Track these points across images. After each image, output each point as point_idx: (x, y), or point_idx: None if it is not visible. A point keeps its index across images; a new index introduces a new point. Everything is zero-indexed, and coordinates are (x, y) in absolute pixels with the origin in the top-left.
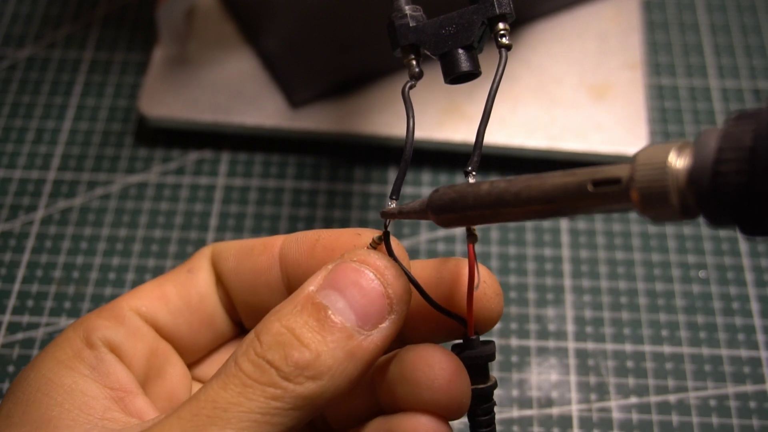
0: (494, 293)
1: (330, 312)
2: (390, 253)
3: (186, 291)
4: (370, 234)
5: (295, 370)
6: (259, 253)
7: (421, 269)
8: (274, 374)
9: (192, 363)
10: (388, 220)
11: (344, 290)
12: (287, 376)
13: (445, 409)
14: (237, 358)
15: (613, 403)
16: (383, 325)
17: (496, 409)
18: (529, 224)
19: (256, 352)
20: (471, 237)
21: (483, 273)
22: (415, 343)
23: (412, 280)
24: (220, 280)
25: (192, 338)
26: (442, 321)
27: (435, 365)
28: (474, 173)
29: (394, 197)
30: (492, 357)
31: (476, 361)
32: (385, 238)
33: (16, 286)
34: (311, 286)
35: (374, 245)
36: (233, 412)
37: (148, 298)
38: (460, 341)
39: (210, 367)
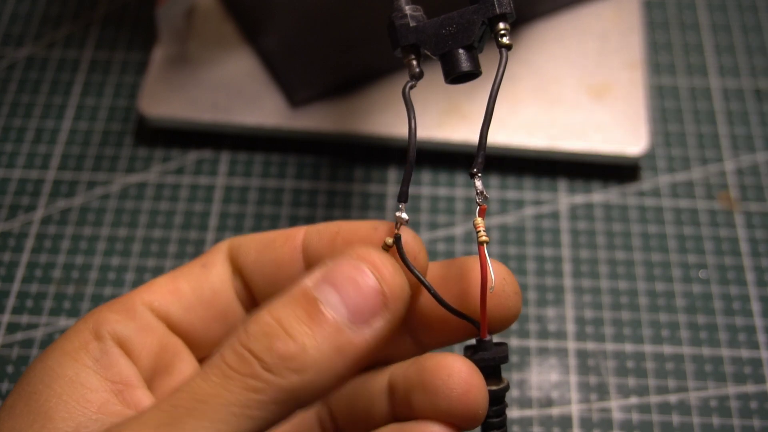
0: (513, 291)
1: (321, 305)
2: (402, 256)
3: (199, 286)
4: (387, 227)
5: (278, 361)
6: (281, 245)
7: (431, 269)
8: (256, 365)
9: (204, 358)
10: (399, 224)
11: (339, 285)
12: (270, 368)
13: (461, 419)
14: (222, 348)
15: (614, 403)
16: (377, 323)
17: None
18: (529, 224)
19: (240, 341)
20: (482, 240)
21: (502, 271)
22: (430, 344)
23: (423, 282)
24: (240, 274)
25: (204, 333)
26: (457, 322)
27: (454, 374)
28: (479, 174)
29: (403, 201)
30: (505, 359)
31: (489, 362)
32: (396, 242)
33: (15, 286)
34: (308, 280)
35: (386, 248)
36: (211, 404)
37: (161, 293)
38: (473, 342)
39: None
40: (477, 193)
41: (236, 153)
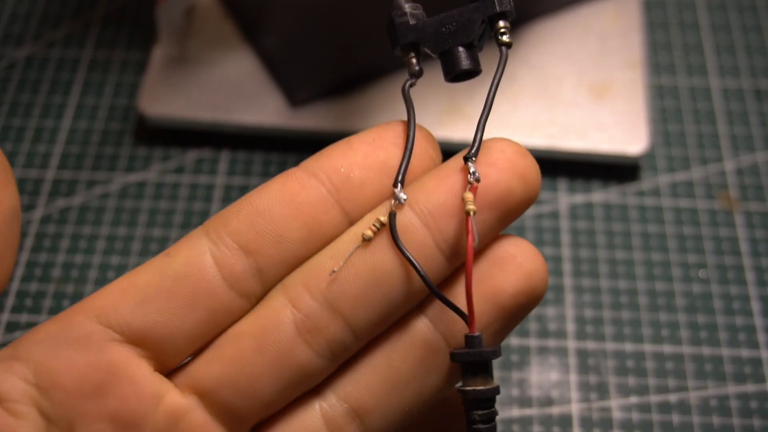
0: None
1: None
2: (393, 236)
3: (158, 276)
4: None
5: None
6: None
7: None
8: None
9: (186, 359)
10: (395, 201)
11: None
12: None
13: None
14: None
15: (614, 402)
16: None
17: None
18: (528, 224)
19: None
20: (469, 209)
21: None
22: None
23: (414, 265)
24: (246, 249)
25: (170, 324)
26: None
27: None
28: (474, 159)
29: (399, 183)
30: (491, 354)
31: (475, 357)
32: (390, 220)
33: (15, 285)
34: None
35: (379, 225)
36: None
37: (111, 294)
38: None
39: (205, 365)
40: (470, 173)
41: (236, 152)
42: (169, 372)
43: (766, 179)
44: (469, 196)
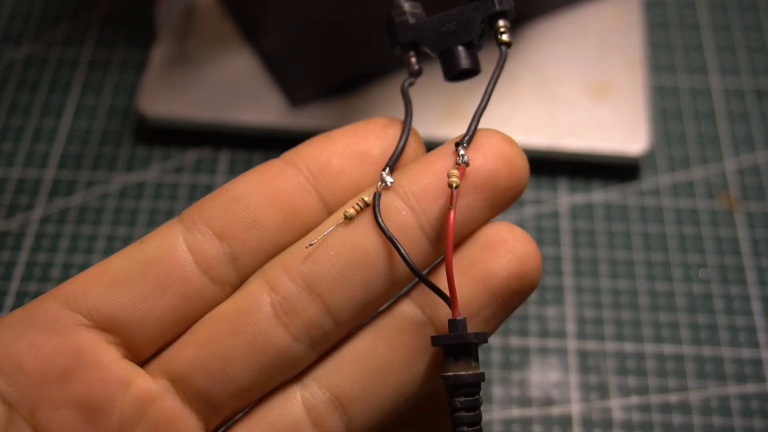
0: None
1: None
2: (375, 215)
3: (129, 261)
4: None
5: None
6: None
7: None
8: None
9: (159, 347)
10: (381, 183)
11: None
12: None
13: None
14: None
15: (614, 402)
16: None
17: (495, 408)
18: (528, 224)
19: None
20: (452, 182)
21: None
22: None
23: (396, 245)
24: (221, 234)
25: (139, 309)
26: None
27: None
28: (466, 145)
29: (389, 167)
30: (476, 338)
31: (455, 341)
32: (374, 200)
33: (14, 286)
34: None
35: (360, 206)
36: None
37: (82, 280)
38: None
39: (179, 351)
40: (459, 155)
41: (235, 152)
42: (143, 360)
43: (767, 179)
44: (454, 172)
